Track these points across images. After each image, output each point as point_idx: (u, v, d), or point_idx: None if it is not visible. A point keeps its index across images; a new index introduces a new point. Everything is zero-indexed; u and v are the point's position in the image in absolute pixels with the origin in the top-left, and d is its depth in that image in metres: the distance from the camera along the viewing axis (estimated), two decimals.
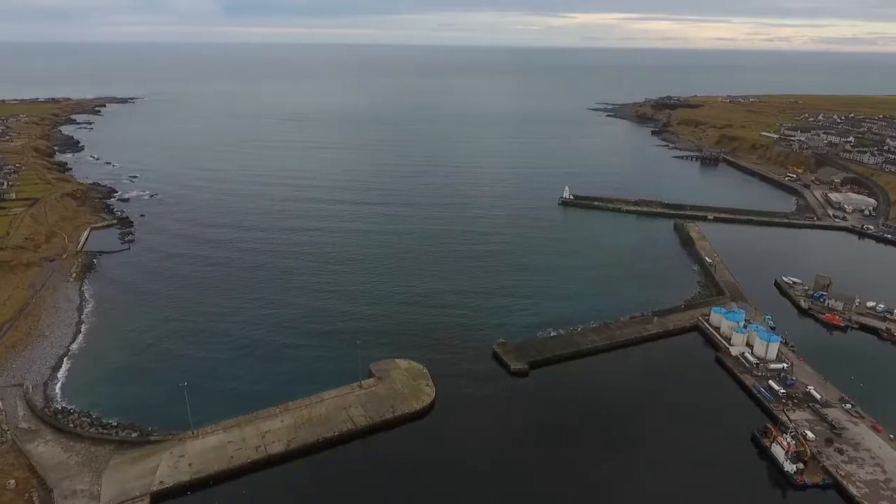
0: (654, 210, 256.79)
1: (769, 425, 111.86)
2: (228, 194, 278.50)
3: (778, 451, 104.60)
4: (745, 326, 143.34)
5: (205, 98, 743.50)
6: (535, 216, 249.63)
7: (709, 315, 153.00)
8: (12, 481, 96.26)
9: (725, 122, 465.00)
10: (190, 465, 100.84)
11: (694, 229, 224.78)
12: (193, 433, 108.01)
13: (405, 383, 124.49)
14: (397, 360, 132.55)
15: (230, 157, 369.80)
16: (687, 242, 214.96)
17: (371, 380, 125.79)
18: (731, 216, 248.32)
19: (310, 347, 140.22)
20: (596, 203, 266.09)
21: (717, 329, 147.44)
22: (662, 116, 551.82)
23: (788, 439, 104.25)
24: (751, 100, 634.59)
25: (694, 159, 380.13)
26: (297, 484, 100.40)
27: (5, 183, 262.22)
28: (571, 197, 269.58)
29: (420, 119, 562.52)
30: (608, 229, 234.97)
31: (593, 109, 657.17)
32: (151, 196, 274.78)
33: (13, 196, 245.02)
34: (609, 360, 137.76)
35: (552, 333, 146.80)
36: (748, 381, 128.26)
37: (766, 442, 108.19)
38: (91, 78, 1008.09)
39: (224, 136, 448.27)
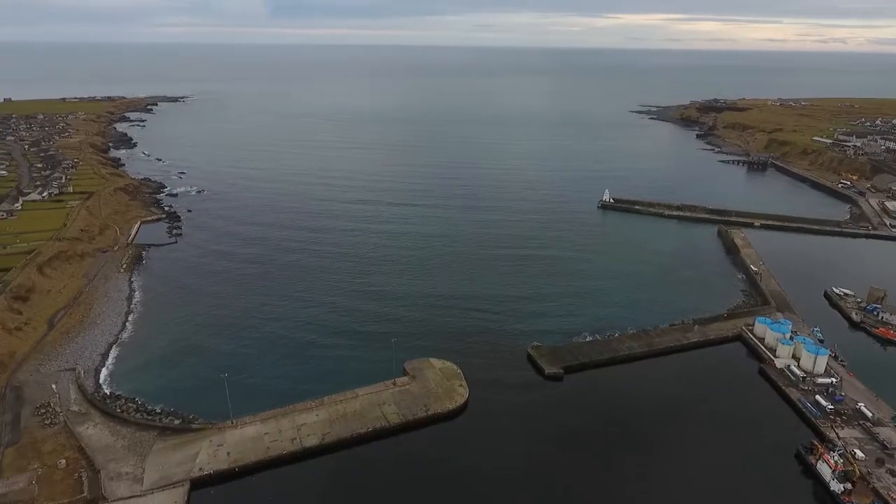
0: (698, 215, 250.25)
1: (815, 442, 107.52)
2: (270, 192, 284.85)
3: (824, 470, 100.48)
4: (791, 338, 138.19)
5: (249, 97, 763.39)
6: (573, 220, 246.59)
7: (753, 325, 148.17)
8: (63, 461, 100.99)
9: (775, 126, 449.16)
10: (228, 453, 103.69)
11: (739, 236, 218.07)
12: (232, 423, 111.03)
13: (439, 383, 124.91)
14: (431, 360, 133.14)
15: (272, 155, 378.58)
16: (731, 249, 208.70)
17: (405, 378, 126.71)
18: (780, 223, 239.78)
19: (346, 345, 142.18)
20: (637, 207, 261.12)
21: (762, 340, 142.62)
22: (708, 119, 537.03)
23: (836, 457, 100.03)
24: (802, 103, 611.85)
25: (741, 164, 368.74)
26: (330, 477, 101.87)
27: (63, 177, 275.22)
28: (611, 200, 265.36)
29: (458, 120, 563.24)
30: (649, 234, 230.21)
31: (635, 112, 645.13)
32: (198, 192, 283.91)
33: (70, 189, 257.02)
34: (646, 368, 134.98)
35: (588, 338, 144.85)
36: (793, 395, 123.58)
37: (812, 459, 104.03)
38: (144, 77, 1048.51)
39: (267, 135, 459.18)
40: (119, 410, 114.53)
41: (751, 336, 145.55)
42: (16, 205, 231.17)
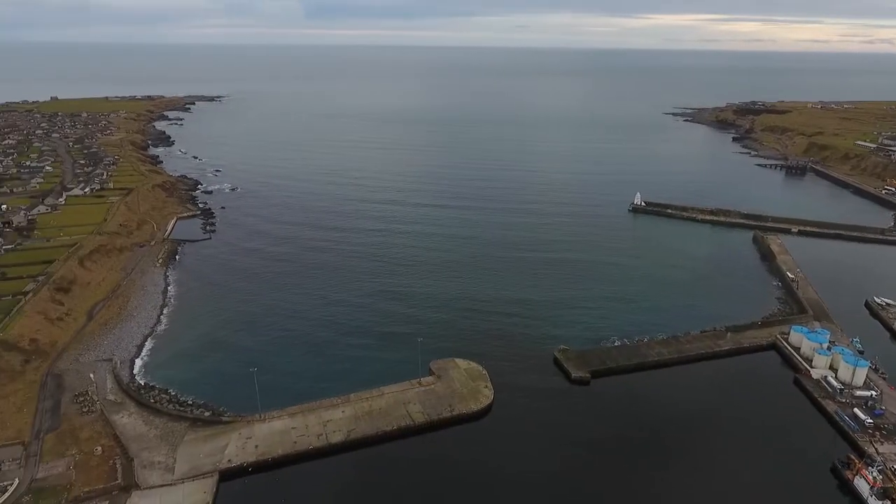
0: (732, 220, 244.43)
1: (852, 456, 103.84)
2: (300, 191, 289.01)
3: (862, 486, 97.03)
4: (829, 348, 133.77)
5: (284, 97, 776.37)
6: (603, 223, 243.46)
7: (788, 334, 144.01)
8: (99, 448, 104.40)
9: (815, 130, 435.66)
10: (256, 446, 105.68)
11: (775, 242, 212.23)
12: (260, 417, 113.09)
13: (464, 383, 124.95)
14: (457, 360, 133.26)
15: (304, 154, 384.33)
16: (767, 256, 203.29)
17: (430, 378, 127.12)
18: (819, 230, 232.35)
19: (372, 343, 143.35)
20: (669, 210, 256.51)
21: (797, 349, 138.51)
22: (745, 122, 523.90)
23: (875, 473, 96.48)
24: (845, 106, 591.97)
25: (779, 168, 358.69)
26: (355, 473, 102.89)
27: (105, 173, 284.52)
28: (643, 203, 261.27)
29: (489, 121, 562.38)
30: (681, 239, 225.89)
31: (670, 114, 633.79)
32: (232, 189, 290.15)
33: (111, 185, 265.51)
34: (676, 375, 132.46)
35: (616, 343, 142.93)
36: (830, 407, 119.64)
37: (849, 474, 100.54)
38: (183, 77, 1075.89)
39: (300, 134, 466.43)
40: (152, 401, 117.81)
41: (786, 345, 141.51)
42: (60, 199, 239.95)
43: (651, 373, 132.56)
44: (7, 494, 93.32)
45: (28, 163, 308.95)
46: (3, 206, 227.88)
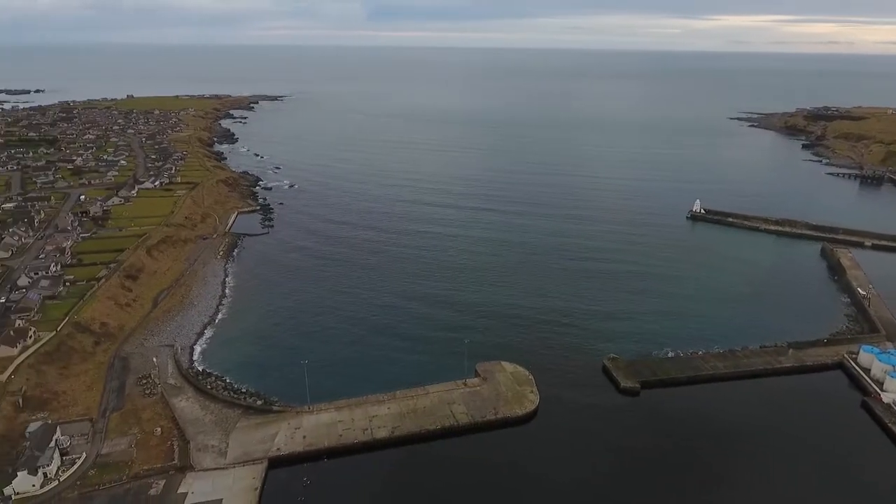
0: (799, 231, 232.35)
1: None
2: (355, 191, 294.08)
3: None
4: None
5: (343, 97, 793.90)
6: (659, 231, 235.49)
7: (857, 353, 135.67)
8: (158, 429, 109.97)
9: (895, 138, 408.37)
10: (304, 437, 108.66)
11: (846, 256, 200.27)
12: (309, 408, 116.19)
13: (509, 387, 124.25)
14: (503, 363, 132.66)
15: (360, 154, 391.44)
16: (836, 270, 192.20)
17: (476, 379, 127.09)
18: (895, 244, 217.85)
19: (420, 343, 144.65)
20: (730, 219, 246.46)
21: (867, 370, 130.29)
22: (816, 128, 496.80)
23: None
24: None
25: (852, 178, 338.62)
26: (398, 469, 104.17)
27: (173, 168, 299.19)
28: (702, 211, 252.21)
29: (542, 124, 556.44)
30: (742, 249, 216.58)
31: (735, 119, 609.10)
32: (290, 186, 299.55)
33: (179, 180, 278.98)
34: (732, 390, 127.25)
35: (669, 354, 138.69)
36: None
37: None
38: (248, 77, 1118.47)
39: (357, 134, 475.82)
40: (209, 387, 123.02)
41: (854, 365, 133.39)
42: (132, 192, 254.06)
43: (705, 386, 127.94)
44: (75, 467, 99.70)
45: (105, 156, 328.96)
46: (82, 197, 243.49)
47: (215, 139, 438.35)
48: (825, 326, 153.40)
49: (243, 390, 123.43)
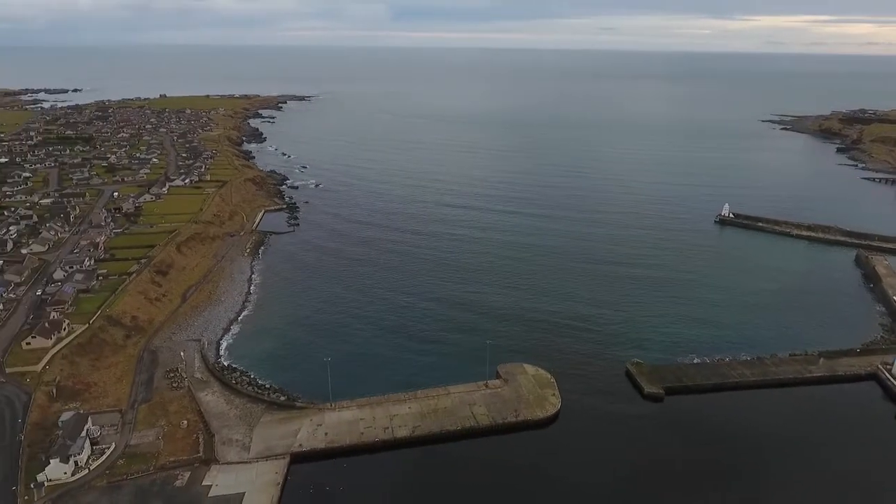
0: (832, 237, 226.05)
1: None
2: (380, 191, 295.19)
3: None
4: None
5: (369, 97, 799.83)
6: (686, 235, 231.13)
7: (893, 364, 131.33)
8: (185, 422, 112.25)
9: None
10: (326, 434, 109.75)
11: (882, 263, 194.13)
12: (331, 406, 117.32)
13: (531, 390, 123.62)
14: (525, 366, 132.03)
15: (385, 154, 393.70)
16: (871, 278, 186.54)
17: (497, 381, 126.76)
18: None
19: (441, 343, 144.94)
20: (760, 224, 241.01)
21: None
22: (852, 132, 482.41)
23: None
24: None
25: (890, 183, 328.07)
26: (417, 469, 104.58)
27: (203, 166, 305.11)
28: (731, 215, 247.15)
29: (572, 125, 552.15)
30: (772, 254, 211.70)
31: (767, 121, 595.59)
32: (316, 185, 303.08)
33: (208, 178, 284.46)
34: (760, 399, 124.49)
35: (695, 360, 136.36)
36: None
37: None
38: (276, 77, 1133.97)
39: (382, 134, 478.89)
40: (234, 382, 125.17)
41: (889, 376, 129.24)
42: (163, 189, 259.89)
43: (731, 394, 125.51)
44: (104, 457, 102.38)
45: (138, 154, 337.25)
46: (115, 194, 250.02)
47: (244, 138, 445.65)
48: (858, 335, 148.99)
49: (267, 386, 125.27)
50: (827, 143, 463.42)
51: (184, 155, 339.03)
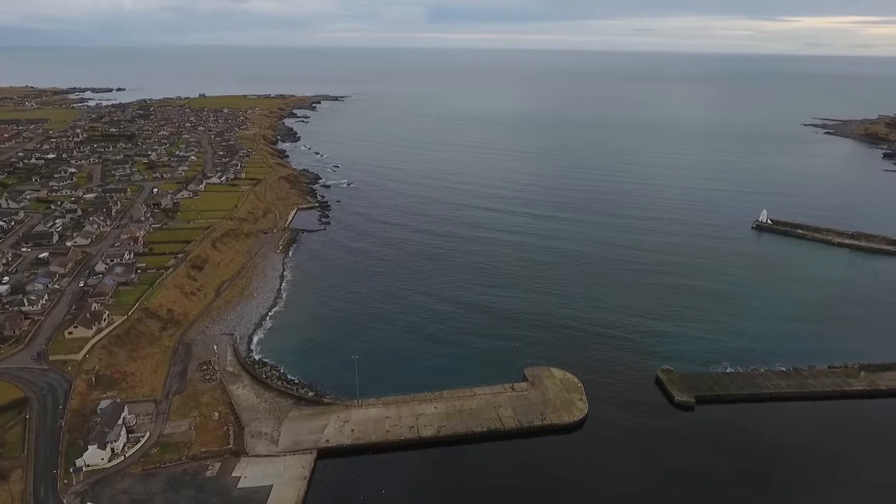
0: (876, 246, 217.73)
1: None
2: (411, 193, 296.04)
3: None
4: None
5: (403, 98, 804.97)
6: (722, 242, 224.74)
7: None
8: (216, 413, 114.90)
9: None
10: (352, 430, 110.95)
11: None
12: (358, 403, 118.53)
13: (558, 394, 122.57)
14: (552, 369, 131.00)
15: (417, 155, 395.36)
16: None
17: (524, 384, 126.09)
18: None
19: (469, 345, 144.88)
20: (799, 231, 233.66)
21: None
22: None
23: None
24: None
25: None
26: (441, 469, 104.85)
27: (239, 164, 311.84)
28: (769, 221, 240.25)
29: (607, 126, 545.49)
30: (812, 263, 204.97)
31: (809, 125, 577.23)
32: (348, 185, 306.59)
33: (243, 176, 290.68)
34: (795, 412, 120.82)
35: (728, 369, 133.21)
36: None
37: None
38: (312, 78, 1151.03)
39: (414, 135, 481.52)
40: (264, 376, 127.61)
41: None
42: (200, 186, 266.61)
43: (765, 405, 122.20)
44: (139, 445, 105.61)
45: (177, 152, 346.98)
46: (155, 190, 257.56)
47: (279, 137, 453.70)
48: None
49: (296, 381, 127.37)
50: (873, 149, 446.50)
51: (220, 153, 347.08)
